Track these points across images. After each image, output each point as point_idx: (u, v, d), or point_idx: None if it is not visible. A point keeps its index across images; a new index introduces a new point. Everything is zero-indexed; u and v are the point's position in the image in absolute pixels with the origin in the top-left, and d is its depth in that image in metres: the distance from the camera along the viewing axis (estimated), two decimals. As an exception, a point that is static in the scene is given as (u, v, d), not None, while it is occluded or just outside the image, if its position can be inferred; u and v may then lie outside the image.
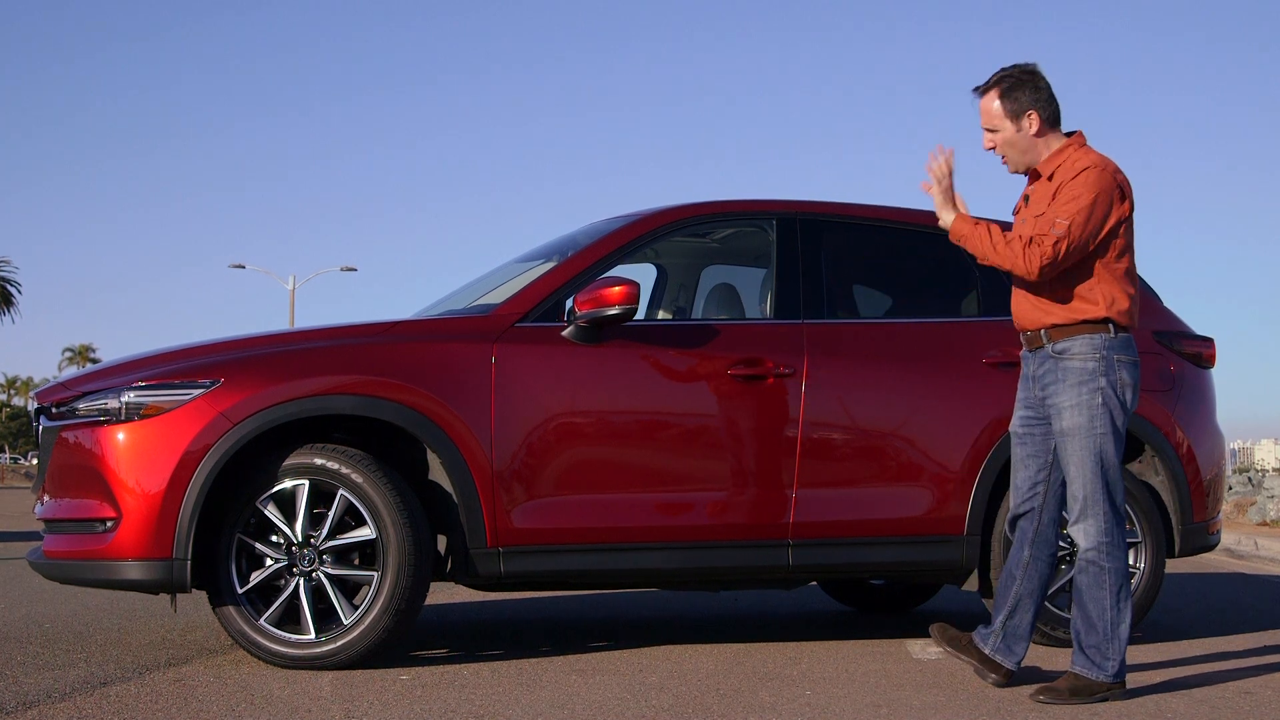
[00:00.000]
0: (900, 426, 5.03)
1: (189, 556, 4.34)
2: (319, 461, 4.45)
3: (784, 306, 5.08)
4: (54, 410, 4.64)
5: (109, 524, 4.40)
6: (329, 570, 4.45)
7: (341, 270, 40.14)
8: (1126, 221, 4.07)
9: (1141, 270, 5.75)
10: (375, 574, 4.44)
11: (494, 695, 4.06)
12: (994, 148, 4.16)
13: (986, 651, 4.22)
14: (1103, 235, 4.01)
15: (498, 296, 5.01)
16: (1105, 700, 4.04)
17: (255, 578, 4.44)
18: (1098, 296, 4.04)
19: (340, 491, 4.44)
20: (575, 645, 5.16)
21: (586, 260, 4.95)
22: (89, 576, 4.52)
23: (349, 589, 4.60)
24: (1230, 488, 19.56)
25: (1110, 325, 4.05)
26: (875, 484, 5.00)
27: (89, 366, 6.95)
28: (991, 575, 5.08)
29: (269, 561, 4.46)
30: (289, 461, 4.45)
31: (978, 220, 4.12)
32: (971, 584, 5.17)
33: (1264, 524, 15.17)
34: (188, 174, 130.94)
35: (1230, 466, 28.54)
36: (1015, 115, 4.10)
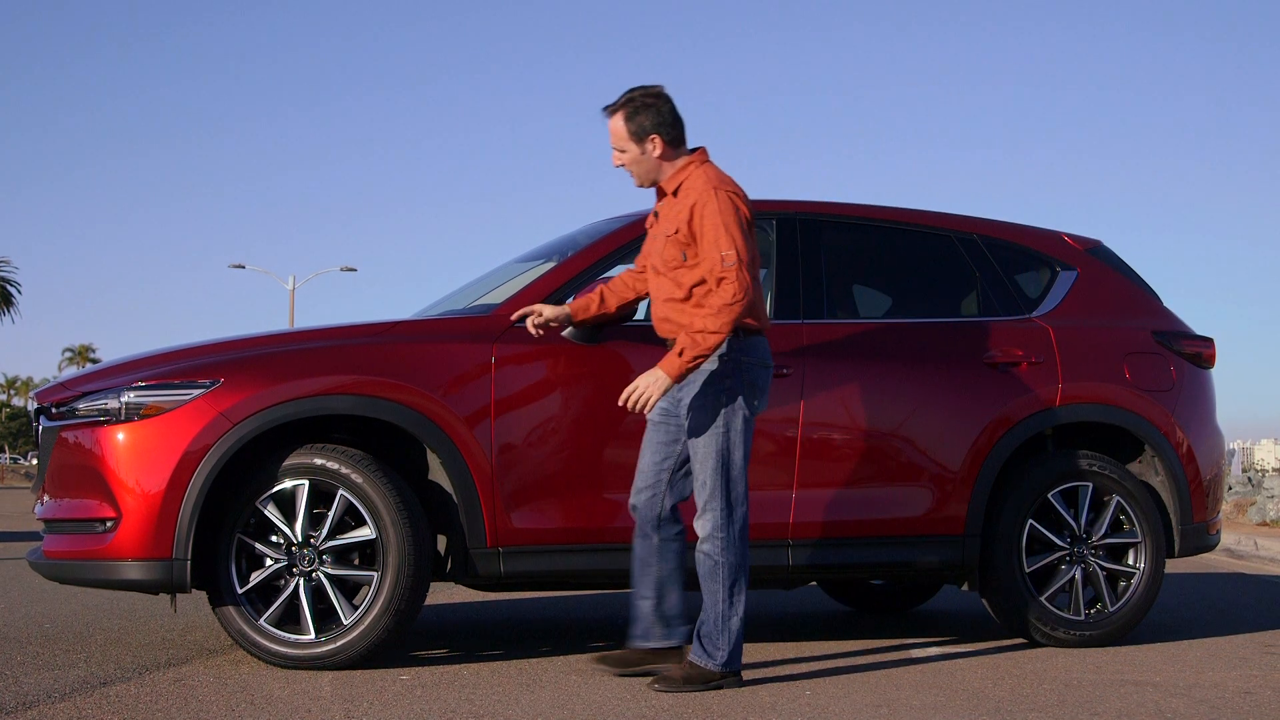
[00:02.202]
0: (900, 426, 5.03)
1: (189, 556, 4.34)
2: (319, 461, 4.45)
3: (784, 306, 5.07)
4: (54, 410, 4.64)
5: (109, 524, 4.40)
6: (329, 570, 4.45)
7: (341, 270, 40.16)
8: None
9: (1141, 270, 5.80)
10: (375, 574, 4.44)
11: (494, 695, 4.06)
12: (622, 165, 4.31)
13: (654, 646, 4.32)
14: None
15: (498, 296, 5.01)
16: (720, 688, 4.15)
17: (255, 578, 4.44)
18: None
19: (340, 491, 4.44)
20: (575, 645, 5.16)
21: (586, 260, 4.95)
22: (89, 576, 4.52)
23: (349, 589, 4.60)
24: (1230, 488, 19.55)
25: (737, 330, 4.16)
26: (875, 484, 5.00)
27: (89, 366, 6.95)
28: (992, 575, 5.08)
29: (269, 561, 4.46)
30: (289, 461, 4.45)
31: (678, 351, 4.08)
32: (971, 584, 5.16)
33: (1264, 524, 15.16)
34: (188, 174, 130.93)
35: (1239, 466, 28.39)
36: (639, 138, 4.27)
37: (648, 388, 4.09)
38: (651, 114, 4.25)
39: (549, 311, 4.50)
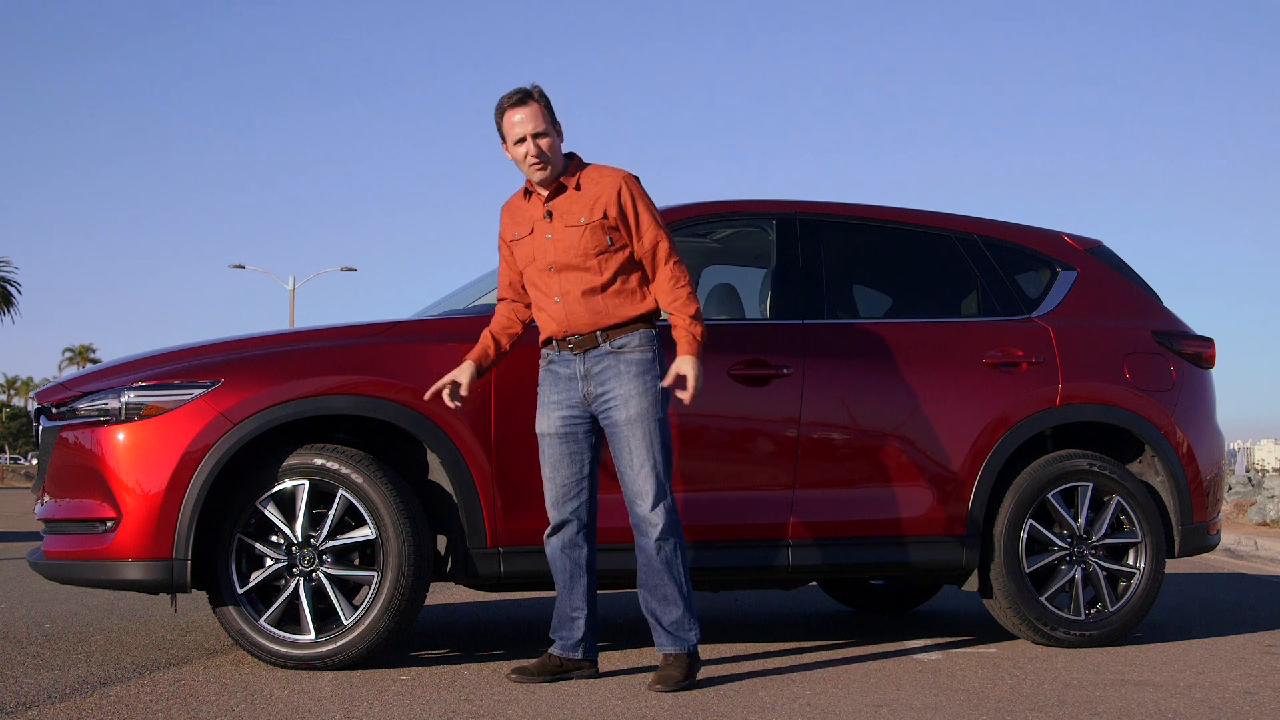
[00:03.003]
0: (900, 426, 5.03)
1: (189, 556, 4.34)
2: (319, 461, 4.45)
3: (784, 306, 5.07)
4: (54, 410, 4.64)
5: (109, 524, 4.40)
6: (329, 570, 4.45)
7: (341, 270, 40.15)
8: None
9: (1141, 270, 5.80)
10: (375, 574, 4.44)
11: (494, 695, 4.06)
12: (539, 152, 4.25)
13: (581, 657, 4.35)
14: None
15: (498, 296, 5.00)
16: (698, 669, 4.27)
17: (255, 578, 4.44)
18: (647, 293, 4.29)
19: (340, 491, 4.44)
20: (575, 645, 5.15)
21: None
22: (89, 576, 4.52)
23: (349, 589, 4.60)
24: (1230, 488, 19.53)
25: (655, 319, 4.30)
26: (875, 484, 5.00)
27: (89, 366, 6.95)
28: (992, 575, 5.09)
29: (269, 561, 4.46)
30: (289, 461, 4.45)
31: (687, 341, 4.21)
32: (971, 584, 5.17)
33: (1264, 524, 15.16)
34: (188, 174, 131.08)
35: (1243, 466, 28.34)
36: (554, 123, 4.30)
37: (695, 375, 4.19)
38: (551, 105, 4.32)
39: (464, 377, 4.36)
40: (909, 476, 5.02)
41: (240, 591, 4.43)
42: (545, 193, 4.32)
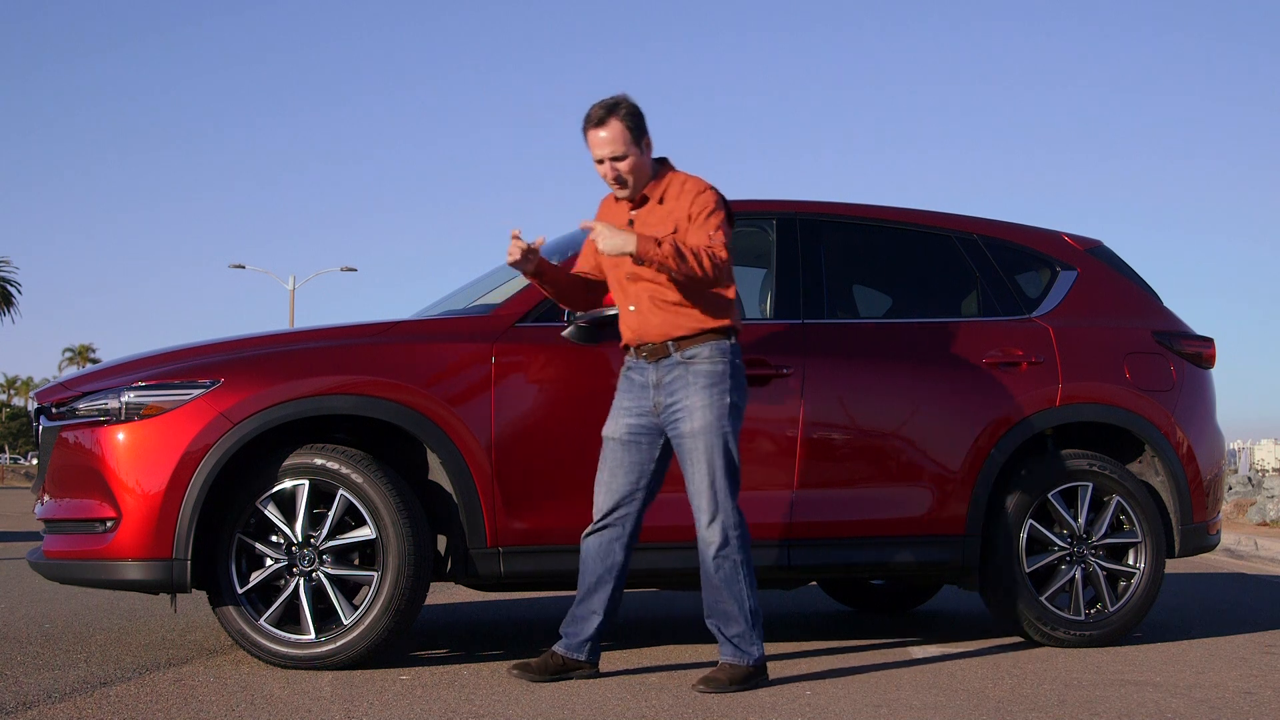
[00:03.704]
0: (900, 426, 5.03)
1: (189, 556, 4.34)
2: (319, 461, 4.45)
3: (784, 306, 5.07)
4: (54, 410, 4.64)
5: (109, 524, 4.40)
6: (329, 570, 4.45)
7: (341, 270, 40.15)
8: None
9: (1141, 270, 5.80)
10: (375, 574, 4.44)
11: (494, 695, 4.06)
12: (618, 175, 4.24)
13: (584, 658, 4.34)
14: None
15: (498, 296, 5.01)
16: (757, 686, 4.19)
17: (255, 578, 4.44)
18: (719, 305, 4.23)
19: (340, 491, 4.44)
20: (575, 645, 5.15)
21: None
22: (89, 576, 4.52)
23: (349, 589, 4.60)
24: (1230, 488, 19.52)
25: (731, 332, 4.24)
26: (875, 484, 5.00)
27: (89, 366, 6.95)
28: (992, 575, 5.08)
29: (269, 561, 4.46)
30: (289, 461, 4.45)
31: (658, 242, 4.09)
32: (971, 584, 5.16)
33: (1264, 524, 15.16)
34: (187, 174, 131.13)
35: (1245, 466, 28.32)
36: (638, 141, 4.24)
37: (606, 234, 4.05)
38: (641, 117, 4.26)
39: (537, 241, 4.30)
40: (909, 476, 5.02)
41: (240, 591, 4.43)
42: (631, 202, 4.32)
